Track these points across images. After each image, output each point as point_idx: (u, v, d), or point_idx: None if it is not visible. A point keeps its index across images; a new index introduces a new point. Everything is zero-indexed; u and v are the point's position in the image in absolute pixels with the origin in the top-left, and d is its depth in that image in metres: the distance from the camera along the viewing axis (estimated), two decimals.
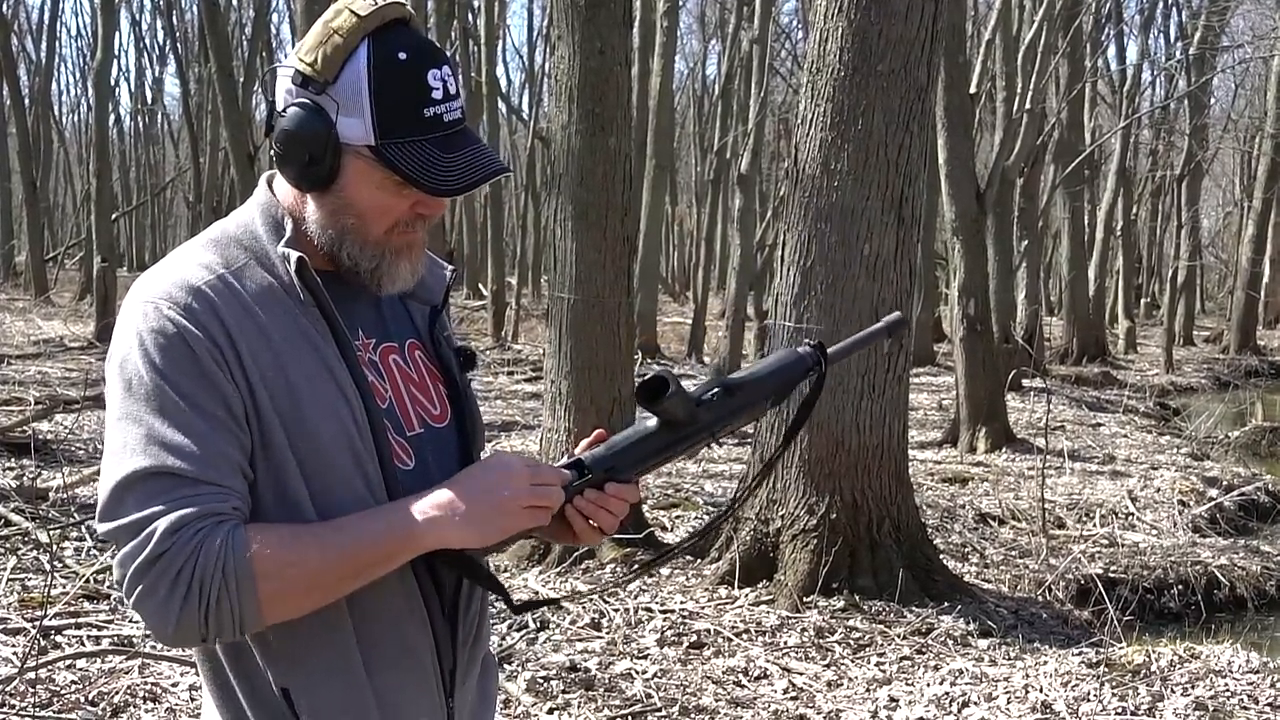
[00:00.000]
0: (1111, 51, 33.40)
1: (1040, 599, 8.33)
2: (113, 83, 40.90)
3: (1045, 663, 6.66)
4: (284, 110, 1.96)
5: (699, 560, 8.07)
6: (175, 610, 1.78)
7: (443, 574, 2.05)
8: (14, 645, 5.97)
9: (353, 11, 1.92)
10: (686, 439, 2.12)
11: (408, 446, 2.05)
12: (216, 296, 1.89)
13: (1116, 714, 5.97)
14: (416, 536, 1.89)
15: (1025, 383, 18.53)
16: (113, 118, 44.41)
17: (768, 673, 6.42)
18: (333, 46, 1.91)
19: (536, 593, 7.38)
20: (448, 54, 2.02)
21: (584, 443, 2.13)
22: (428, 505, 1.90)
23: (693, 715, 5.88)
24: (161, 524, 1.77)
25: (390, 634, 2.00)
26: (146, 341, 1.85)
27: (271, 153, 1.99)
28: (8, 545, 7.71)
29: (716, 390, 2.13)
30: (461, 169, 1.94)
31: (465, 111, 2.01)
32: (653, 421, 2.10)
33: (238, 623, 1.81)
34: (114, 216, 28.75)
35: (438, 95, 1.93)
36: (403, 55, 1.92)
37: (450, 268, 2.26)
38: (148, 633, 6.22)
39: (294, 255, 1.95)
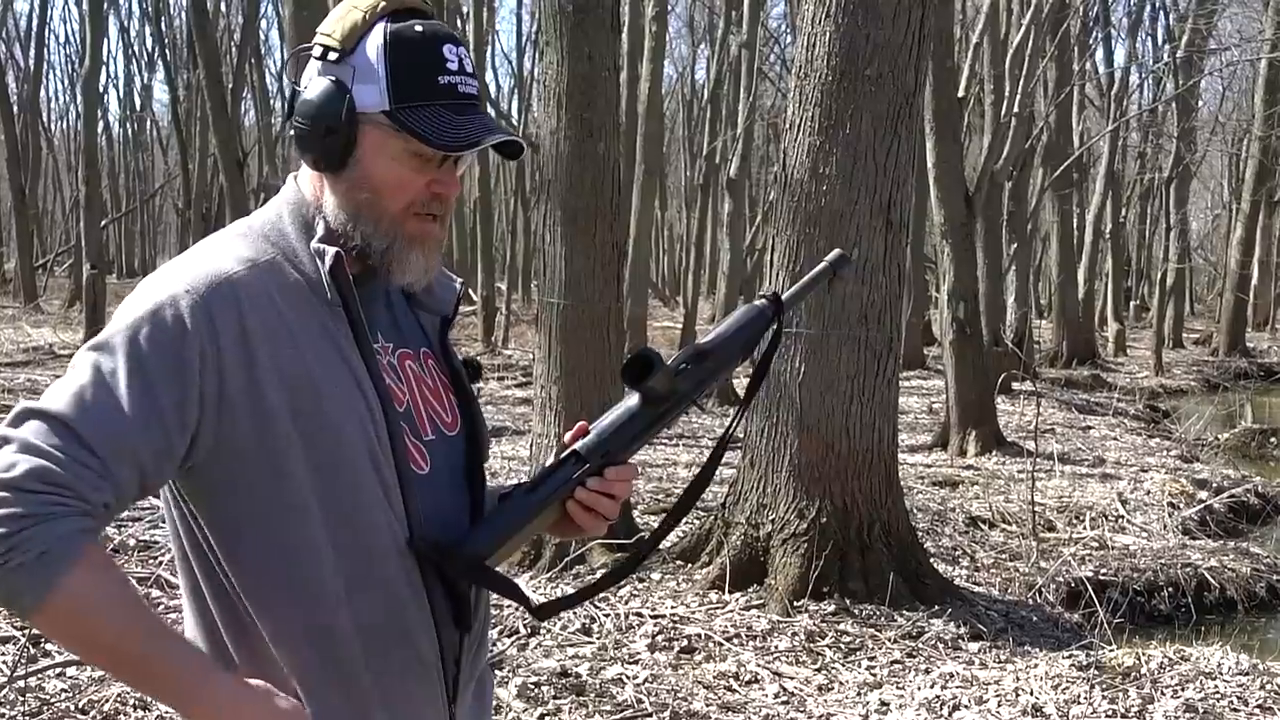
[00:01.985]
0: (1099, 55, 33.51)
1: (1030, 602, 8.34)
2: (101, 89, 40.91)
3: (1036, 665, 6.67)
4: (305, 86, 2.01)
5: (690, 565, 8.08)
6: None
7: (459, 583, 2.06)
8: (3, 654, 5.96)
9: None
10: (671, 410, 2.18)
11: (424, 450, 2.06)
12: (242, 290, 1.90)
13: (1107, 716, 5.98)
14: (196, 695, 1.83)
15: (1015, 386, 18.56)
16: (101, 124, 44.40)
17: (759, 677, 6.42)
18: (352, 20, 1.98)
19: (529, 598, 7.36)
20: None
21: (568, 436, 2.15)
22: (227, 688, 1.86)
23: None
24: (43, 464, 1.74)
25: (398, 641, 2.00)
26: (146, 314, 1.86)
27: (292, 130, 2.02)
28: None
29: (691, 357, 2.19)
30: (475, 129, 1.98)
31: (479, 94, 2.04)
32: (635, 399, 2.15)
33: (10, 599, 1.76)
34: (103, 223, 28.69)
35: (453, 67, 1.98)
36: (420, 28, 1.98)
37: (460, 280, 2.28)
38: None
39: (330, 251, 1.97)
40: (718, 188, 29.71)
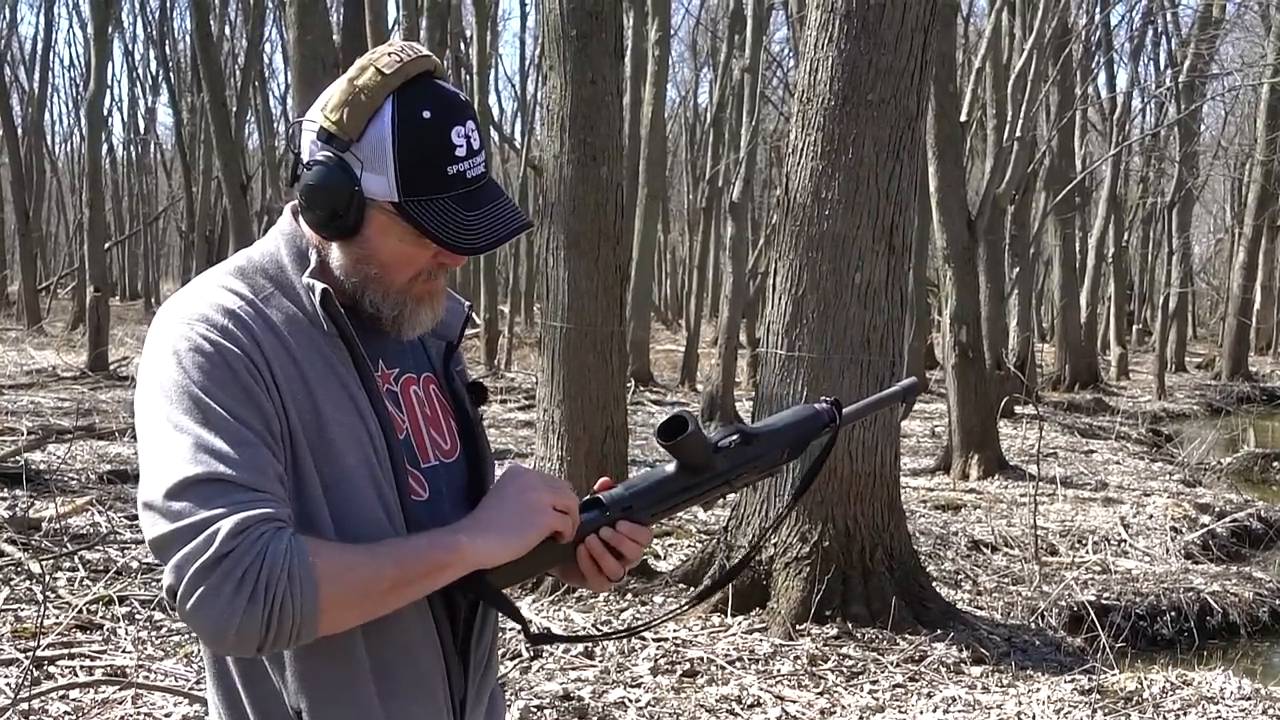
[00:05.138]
0: (1102, 79, 33.61)
1: (1033, 626, 8.33)
2: (105, 112, 41.01)
3: (1038, 690, 6.66)
4: (309, 164, 1.98)
5: (692, 588, 8.07)
6: (239, 612, 1.75)
7: (458, 602, 2.07)
8: (7, 676, 5.96)
9: (378, 69, 1.94)
10: (703, 484, 2.14)
11: (422, 478, 2.07)
12: (250, 318, 1.92)
13: None
14: (461, 549, 1.91)
15: (1017, 409, 18.56)
16: (105, 147, 44.57)
17: (761, 701, 6.42)
18: (357, 105, 1.93)
19: (530, 620, 7.36)
20: (472, 106, 2.04)
21: (596, 486, 2.16)
22: (466, 524, 1.96)
23: None
24: (226, 525, 1.75)
25: (404, 662, 2.02)
26: (185, 360, 1.86)
27: (297, 203, 2.01)
28: (0, 576, 7.70)
29: (735, 438, 2.15)
30: (484, 227, 1.96)
31: (488, 165, 2.03)
32: (671, 466, 2.12)
33: (297, 628, 1.80)
34: (107, 246, 28.71)
35: (461, 153, 1.95)
36: (427, 114, 1.93)
37: (467, 303, 2.28)
38: (167, 649, 6.21)
39: (319, 287, 1.97)
40: (720, 211, 29.75)
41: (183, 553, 1.77)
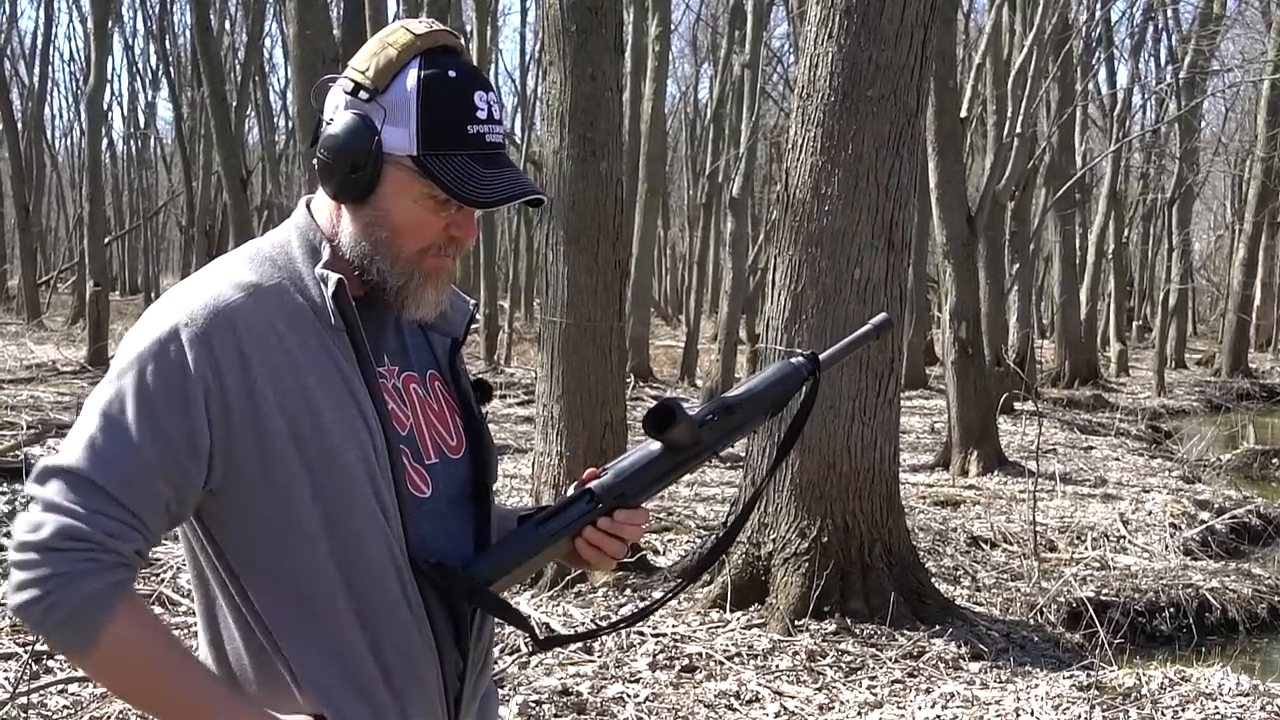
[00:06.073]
0: (1102, 75, 33.60)
1: (1031, 622, 8.33)
2: (105, 107, 40.97)
3: (1036, 686, 6.66)
4: (331, 119, 2.02)
5: (691, 584, 8.08)
6: (21, 599, 1.82)
7: (461, 606, 2.08)
8: (6, 670, 5.97)
9: (408, 29, 2.00)
10: (691, 459, 2.18)
11: (425, 474, 2.08)
12: (240, 319, 1.92)
13: None
14: None
15: (1017, 406, 18.56)
16: (105, 142, 44.50)
17: (759, 696, 6.42)
18: (385, 59, 1.98)
19: (528, 616, 7.36)
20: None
21: (586, 474, 2.17)
22: None
23: None
24: (68, 522, 1.80)
25: (402, 663, 2.02)
26: (149, 350, 1.89)
27: (315, 161, 2.03)
28: (0, 570, 7.69)
29: (718, 409, 2.20)
30: (499, 184, 1.99)
31: (505, 141, 2.05)
32: (656, 445, 2.16)
33: (63, 651, 1.91)
34: (106, 240, 28.73)
35: (482, 115, 1.99)
36: (453, 73, 1.98)
37: (473, 301, 2.29)
38: None
39: (333, 277, 1.98)
40: (720, 206, 29.77)
41: (25, 519, 1.83)
